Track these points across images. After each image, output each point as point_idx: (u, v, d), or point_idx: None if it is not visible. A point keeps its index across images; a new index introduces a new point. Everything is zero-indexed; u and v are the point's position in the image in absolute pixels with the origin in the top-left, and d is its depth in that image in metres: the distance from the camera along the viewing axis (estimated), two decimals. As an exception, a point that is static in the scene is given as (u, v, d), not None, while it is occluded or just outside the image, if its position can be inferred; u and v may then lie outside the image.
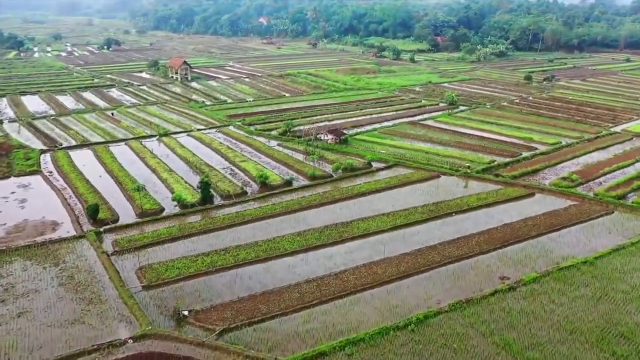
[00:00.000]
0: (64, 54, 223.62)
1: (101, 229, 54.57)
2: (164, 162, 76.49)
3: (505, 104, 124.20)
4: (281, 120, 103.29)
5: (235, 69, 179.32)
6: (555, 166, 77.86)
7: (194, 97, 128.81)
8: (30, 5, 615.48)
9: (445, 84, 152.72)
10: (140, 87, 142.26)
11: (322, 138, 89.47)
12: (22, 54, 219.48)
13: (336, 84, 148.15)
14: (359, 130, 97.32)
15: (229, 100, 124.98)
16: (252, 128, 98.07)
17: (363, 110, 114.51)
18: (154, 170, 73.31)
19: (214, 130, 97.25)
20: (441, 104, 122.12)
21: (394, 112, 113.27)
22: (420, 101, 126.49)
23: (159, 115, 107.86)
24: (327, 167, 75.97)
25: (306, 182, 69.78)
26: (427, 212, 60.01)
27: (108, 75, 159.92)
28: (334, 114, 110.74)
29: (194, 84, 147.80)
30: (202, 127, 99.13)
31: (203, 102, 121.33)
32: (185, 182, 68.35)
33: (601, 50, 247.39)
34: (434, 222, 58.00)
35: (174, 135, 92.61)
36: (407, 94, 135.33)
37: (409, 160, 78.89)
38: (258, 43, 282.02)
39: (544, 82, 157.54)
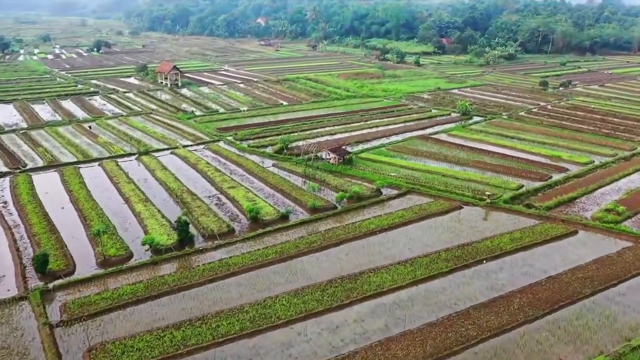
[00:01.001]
0: (50, 56, 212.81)
1: (50, 286, 43.93)
2: (140, 189, 65.75)
3: (523, 113, 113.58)
4: (277, 134, 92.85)
5: (229, 74, 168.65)
6: (593, 192, 67.21)
7: (184, 105, 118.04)
8: (25, 4, 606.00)
9: (455, 91, 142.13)
10: (126, 94, 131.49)
11: (323, 157, 78.94)
12: (6, 57, 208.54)
13: (338, 90, 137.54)
14: (364, 146, 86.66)
15: (221, 110, 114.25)
16: (244, 144, 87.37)
17: (368, 122, 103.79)
18: (127, 200, 62.63)
19: (202, 146, 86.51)
20: (453, 114, 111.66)
21: (403, 124, 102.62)
22: (430, 110, 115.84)
23: (142, 128, 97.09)
24: (329, 194, 65.42)
25: (305, 216, 59.10)
26: (453, 258, 49.31)
27: (93, 81, 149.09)
28: (336, 127, 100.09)
29: (184, 91, 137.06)
30: (189, 142, 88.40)
31: (192, 112, 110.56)
32: (162, 216, 57.66)
33: (614, 53, 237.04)
34: (461, 272, 47.32)
35: (156, 154, 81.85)
36: (415, 102, 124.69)
37: (423, 185, 68.25)
38: (255, 45, 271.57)
39: (561, 88, 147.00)
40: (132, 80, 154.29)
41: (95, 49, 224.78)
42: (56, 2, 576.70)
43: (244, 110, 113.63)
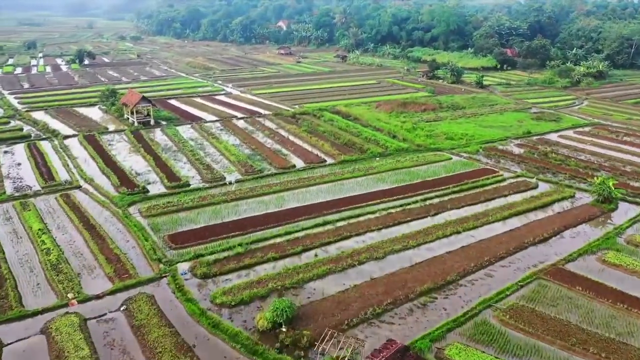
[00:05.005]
0: (19, 69, 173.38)
1: None
2: None
3: (699, 196, 67.07)
4: (277, 256, 49.21)
5: (230, 100, 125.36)
6: None
7: (138, 167, 75.03)
8: (41, 5, 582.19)
9: (553, 136, 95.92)
10: (68, 140, 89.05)
11: (367, 363, 34.78)
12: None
13: (378, 135, 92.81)
14: (448, 313, 41.86)
15: (195, 180, 70.42)
16: (207, 293, 43.47)
17: (437, 217, 58.77)
18: None
19: (119, 305, 42.74)
20: (580, 195, 66.08)
21: (501, 225, 57.37)
22: (536, 184, 70.01)
23: (34, 236, 53.55)
24: None
25: None
26: None
27: (37, 114, 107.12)
28: (383, 230, 55.56)
29: (156, 134, 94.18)
30: (101, 286, 44.87)
31: (143, 187, 67.14)
32: None
33: None
34: None
35: (4, 331, 38.80)
36: (502, 162, 79.17)
37: None
38: (273, 54, 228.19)
39: None
40: (94, 111, 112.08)
41: (76, 60, 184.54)
42: (70, 2, 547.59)
43: (229, 183, 69.69)
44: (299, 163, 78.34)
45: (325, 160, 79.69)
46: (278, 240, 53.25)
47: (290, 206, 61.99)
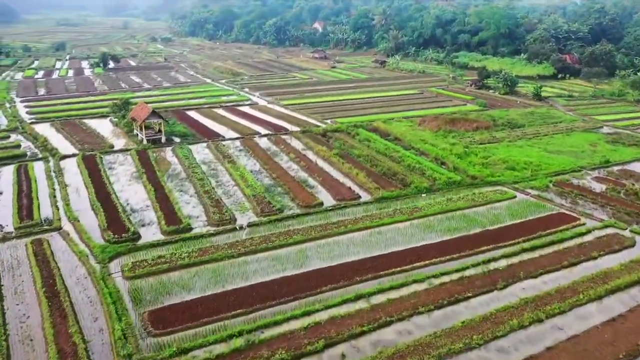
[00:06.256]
0: (41, 73, 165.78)
1: None
2: None
3: None
4: (288, 360, 35.47)
5: (255, 112, 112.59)
6: None
7: (136, 201, 62.80)
8: (82, 5, 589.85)
9: (638, 167, 78.84)
10: (64, 160, 77.96)
11: None
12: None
13: (423, 161, 77.93)
14: None
15: (198, 223, 57.26)
16: None
17: (509, 294, 43.55)
18: None
19: None
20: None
21: (599, 310, 41.94)
22: (632, 241, 54.04)
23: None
24: None
25: None
26: None
27: (41, 126, 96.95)
28: (434, 315, 41.19)
29: (165, 154, 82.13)
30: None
31: (134, 232, 54.49)
32: None
33: None
34: None
35: None
36: (580, 205, 63.08)
37: None
38: (307, 57, 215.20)
39: None
40: (104, 124, 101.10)
41: (100, 64, 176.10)
42: (108, 3, 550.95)
43: (240, 228, 56.41)
44: (328, 199, 64.38)
45: (360, 196, 65.46)
46: (293, 325, 39.56)
47: (313, 266, 48.28)
